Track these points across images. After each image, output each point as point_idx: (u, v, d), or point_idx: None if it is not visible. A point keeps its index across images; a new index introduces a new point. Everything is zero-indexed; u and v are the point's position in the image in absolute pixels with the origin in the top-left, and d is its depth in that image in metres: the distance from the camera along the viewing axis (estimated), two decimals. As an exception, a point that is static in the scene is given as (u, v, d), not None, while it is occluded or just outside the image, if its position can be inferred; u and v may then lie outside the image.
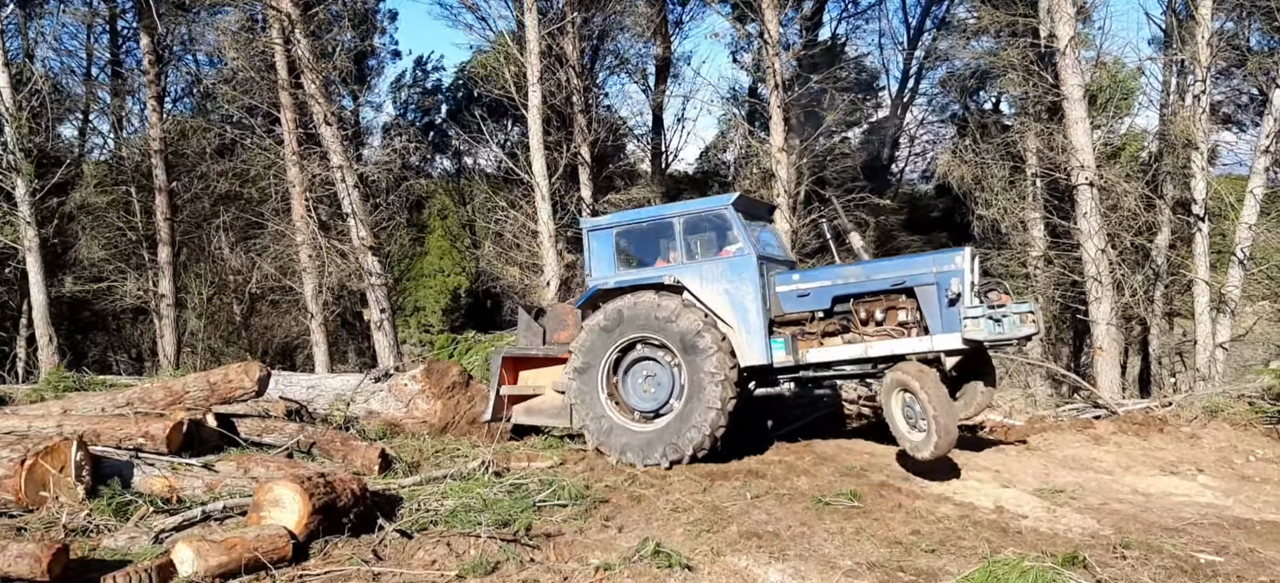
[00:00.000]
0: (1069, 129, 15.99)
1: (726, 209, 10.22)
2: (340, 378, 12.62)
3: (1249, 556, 7.13)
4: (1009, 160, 19.31)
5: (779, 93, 19.05)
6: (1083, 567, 6.40)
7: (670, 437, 9.66)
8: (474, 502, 7.56)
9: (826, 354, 9.92)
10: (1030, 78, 17.74)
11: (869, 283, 9.97)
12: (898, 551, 6.99)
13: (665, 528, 7.39)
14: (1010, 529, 7.79)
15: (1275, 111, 17.06)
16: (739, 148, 24.05)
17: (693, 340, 9.65)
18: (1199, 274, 17.89)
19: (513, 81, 19.72)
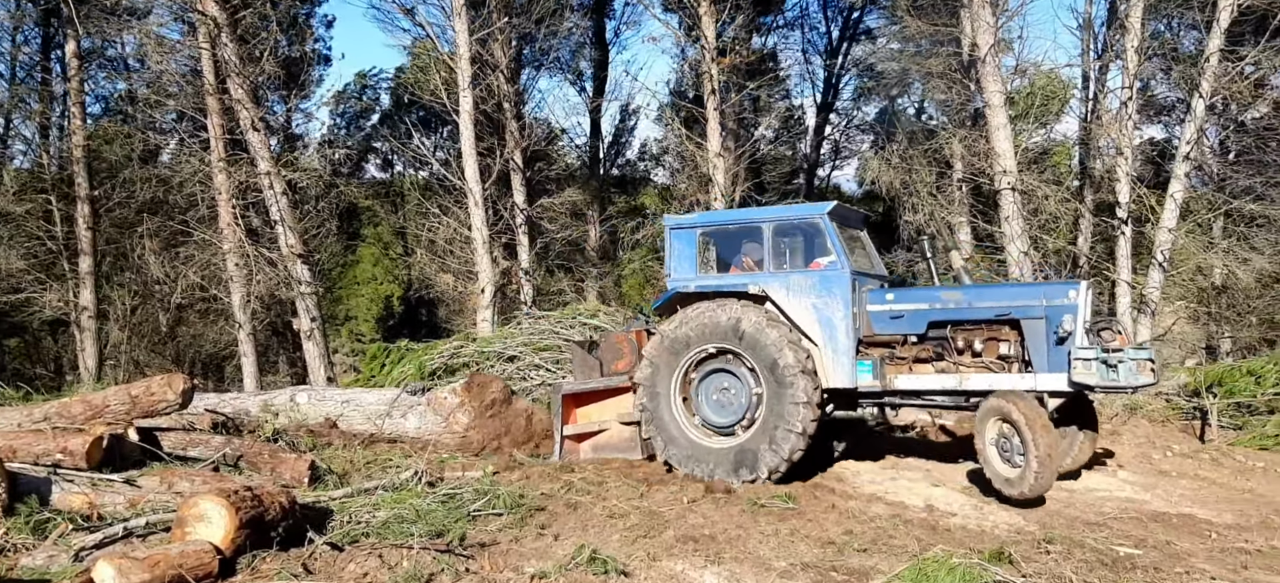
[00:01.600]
0: (991, 135, 16.40)
1: (822, 218, 9.57)
2: (376, 393, 12.11)
3: (1166, 548, 7.38)
4: (935, 165, 19.72)
5: (715, 98, 19.20)
6: (1009, 563, 6.55)
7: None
8: (407, 513, 7.46)
9: (917, 382, 9.32)
10: (953, 85, 18.16)
11: (971, 310, 9.28)
12: (831, 550, 7.08)
13: (602, 535, 7.37)
14: (940, 527, 7.95)
15: (1196, 119, 17.69)
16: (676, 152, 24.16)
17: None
18: (1121, 276, 18.45)
19: (444, 87, 19.54)
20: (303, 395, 12.10)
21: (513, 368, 13.01)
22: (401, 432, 11.42)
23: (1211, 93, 17.23)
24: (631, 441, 10.34)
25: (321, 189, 23.50)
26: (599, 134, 28.32)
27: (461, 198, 20.55)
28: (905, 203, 19.86)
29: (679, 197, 23.21)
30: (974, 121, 18.80)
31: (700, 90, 20.38)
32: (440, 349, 14.19)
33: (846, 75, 29.13)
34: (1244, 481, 10.16)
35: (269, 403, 11.94)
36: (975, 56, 16.76)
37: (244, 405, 11.95)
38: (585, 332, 13.32)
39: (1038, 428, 8.25)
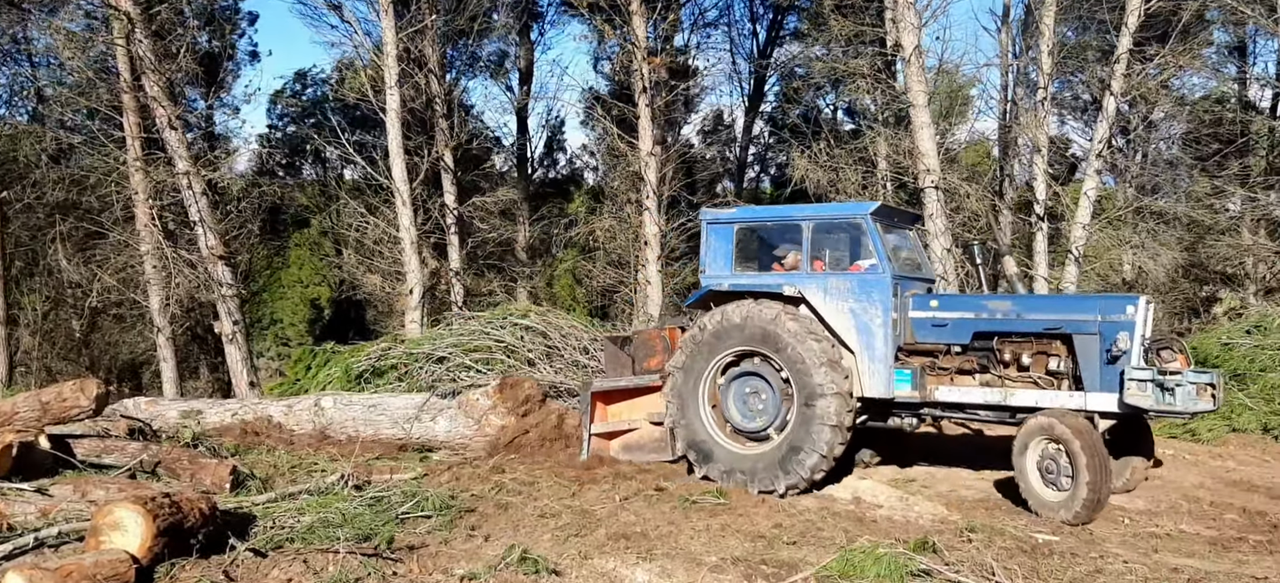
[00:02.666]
0: (915, 134, 16.74)
1: (864, 218, 9.12)
2: (403, 397, 11.66)
3: (1081, 534, 7.62)
4: (862, 164, 20.07)
5: (646, 96, 19.25)
6: (933, 551, 6.70)
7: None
8: (333, 516, 7.31)
9: (958, 395, 8.90)
10: (878, 85, 18.50)
11: (1020, 322, 8.81)
12: (761, 544, 7.15)
13: (532, 535, 7.33)
14: (866, 519, 8.09)
15: (1108, 117, 18.32)
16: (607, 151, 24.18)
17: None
18: (1039, 272, 19.00)
19: (371, 85, 19.24)
20: (327, 400, 11.61)
21: (442, 369, 12.85)
22: (431, 437, 11.03)
23: (1122, 93, 17.86)
24: (662, 441, 9.95)
25: (244, 188, 22.91)
26: (527, 133, 28.19)
27: (390, 198, 20.24)
28: (832, 201, 20.13)
29: (610, 196, 23.26)
30: (898, 121, 19.17)
31: (631, 89, 20.42)
32: (367, 352, 13.95)
33: (773, 76, 29.49)
34: (1156, 468, 10.54)
35: (292, 407, 11.63)
36: (899, 56, 17.08)
37: (266, 411, 11.68)
38: (516, 332, 13.23)
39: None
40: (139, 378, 25.50)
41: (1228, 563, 6.80)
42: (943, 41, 44.20)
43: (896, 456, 10.59)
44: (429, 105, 22.12)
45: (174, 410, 12.04)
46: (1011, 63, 20.29)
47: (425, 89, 21.37)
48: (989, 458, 10.33)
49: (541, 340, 13.17)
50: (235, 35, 27.31)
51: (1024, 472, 8.23)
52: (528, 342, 13.07)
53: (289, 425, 11.44)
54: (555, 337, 13.13)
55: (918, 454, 10.82)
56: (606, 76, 26.59)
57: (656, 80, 19.64)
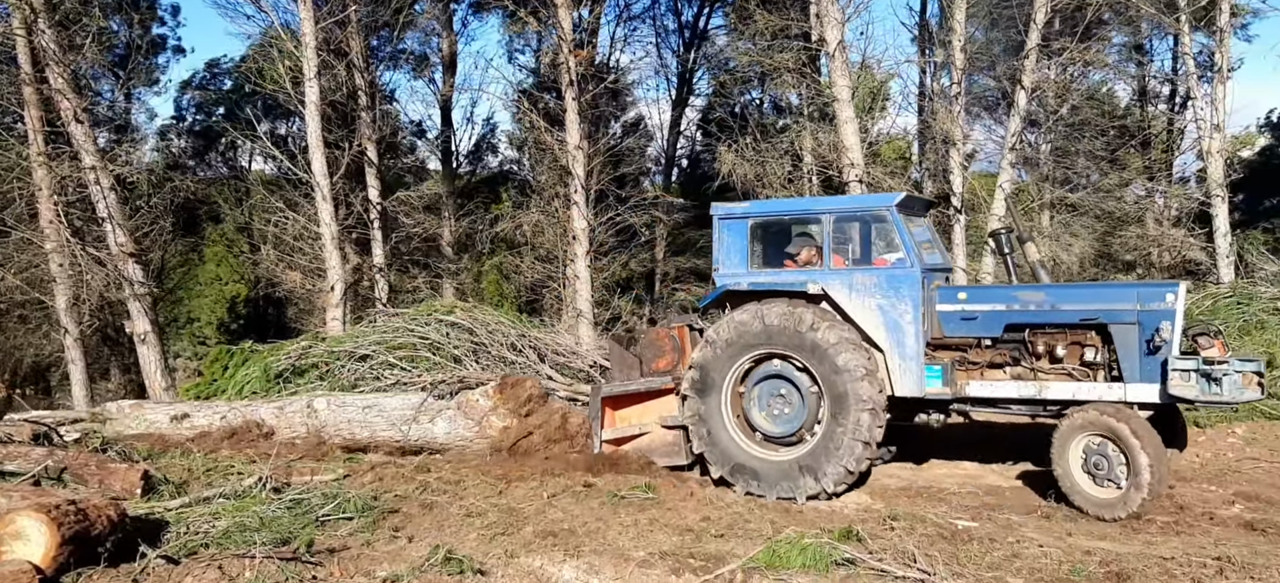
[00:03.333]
0: (840, 128, 16.97)
1: (889, 210, 8.83)
2: (399, 397, 11.20)
3: (999, 520, 7.81)
4: (788, 157, 20.27)
5: (573, 89, 19.13)
6: (857, 540, 6.78)
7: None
8: (250, 520, 7.11)
9: (991, 389, 8.66)
10: (803, 79, 18.71)
11: (1054, 313, 8.57)
12: (689, 538, 7.17)
13: (458, 534, 7.23)
14: (793, 510, 8.18)
15: (1020, 112, 18.83)
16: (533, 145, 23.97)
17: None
18: (958, 263, 19.45)
19: (289, 76, 18.74)
20: (320, 401, 11.18)
21: (365, 367, 12.58)
22: (430, 439, 10.69)
23: (1032, 87, 18.38)
24: (675, 445, 9.64)
25: (155, 183, 22.13)
26: (452, 126, 27.81)
27: (310, 192, 19.76)
28: (760, 195, 20.31)
29: (537, 190, 23.08)
30: (823, 115, 19.41)
31: (558, 82, 20.28)
32: (287, 350, 13.59)
33: (699, 70, 29.61)
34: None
35: (283, 409, 11.16)
36: (823, 51, 17.27)
37: (256, 413, 11.16)
38: (441, 329, 13.02)
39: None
40: (46, 381, 24.49)
41: (1137, 544, 7.03)
42: (866, 37, 45.00)
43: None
44: (351, 98, 21.64)
45: (161, 413, 11.50)
46: (927, 60, 20.73)
47: (347, 81, 20.89)
48: (912, 444, 10.48)
49: (468, 337, 12.97)
50: (153, 24, 26.39)
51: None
52: (454, 339, 12.87)
53: (280, 428, 10.95)
54: (482, 333, 12.95)
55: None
56: (533, 70, 26.39)
57: (583, 74, 19.52)
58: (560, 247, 21.77)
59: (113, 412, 11.64)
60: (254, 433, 10.88)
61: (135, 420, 11.37)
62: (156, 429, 11.15)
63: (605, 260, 22.28)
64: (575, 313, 19.39)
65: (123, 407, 11.92)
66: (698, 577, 6.16)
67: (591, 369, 12.75)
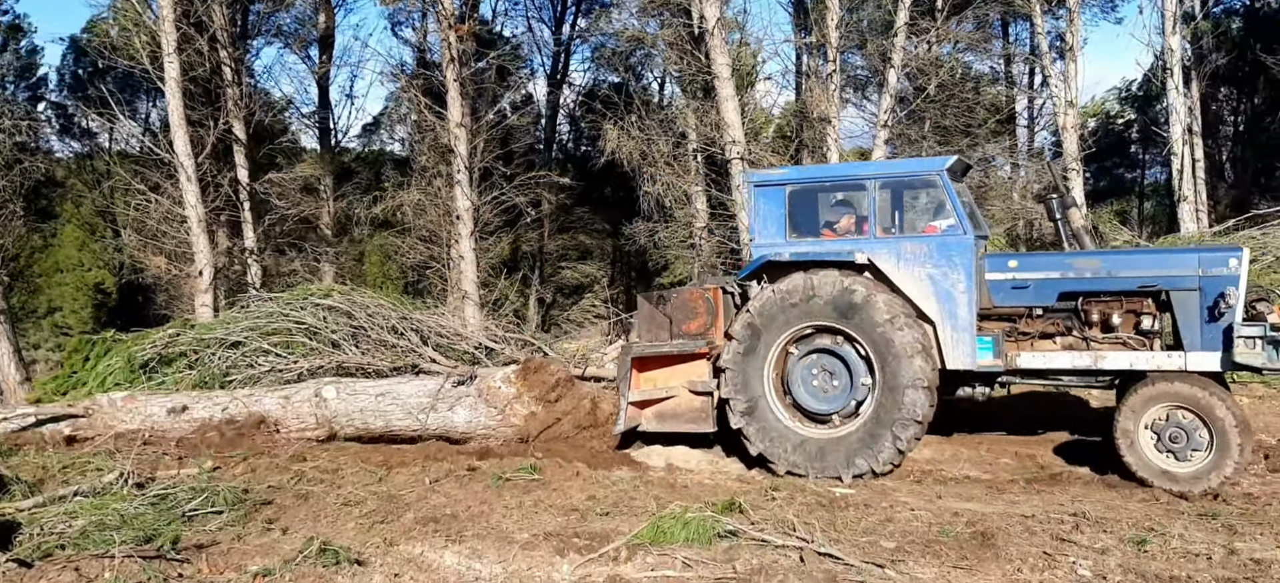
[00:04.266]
0: (720, 106, 17.15)
1: (939, 174, 8.50)
2: (414, 382, 10.60)
3: (874, 486, 8.06)
4: (672, 135, 20.39)
5: (454, 67, 18.75)
6: (739, 512, 6.89)
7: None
8: (110, 519, 6.73)
9: (1044, 360, 8.36)
10: (684, 57, 18.82)
11: (1111, 280, 8.27)
12: (574, 517, 7.14)
13: (335, 525, 7.02)
14: (678, 486, 8.23)
15: (891, 90, 19.39)
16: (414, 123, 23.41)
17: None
18: (835, 238, 19.93)
19: (147, 51, 17.76)
20: (329, 389, 10.45)
21: (237, 354, 12.09)
22: (449, 427, 10.15)
23: (902, 65, 18.96)
24: (702, 411, 9.26)
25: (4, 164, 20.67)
26: (330, 104, 26.90)
27: (173, 173, 18.81)
28: (644, 173, 20.38)
29: (419, 169, 22.55)
30: (705, 93, 19.57)
31: (438, 59, 19.84)
32: (153, 338, 12.94)
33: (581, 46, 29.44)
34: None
35: (289, 399, 10.43)
36: (704, 29, 17.39)
37: (260, 405, 10.40)
38: (318, 313, 12.60)
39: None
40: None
41: (1001, 504, 7.35)
42: (745, 14, 45.54)
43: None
44: (215, 73, 20.65)
45: (156, 406, 10.66)
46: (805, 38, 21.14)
47: (210, 56, 19.91)
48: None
49: (346, 321, 12.61)
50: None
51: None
52: (331, 323, 12.49)
53: (287, 420, 10.30)
54: (361, 316, 12.60)
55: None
56: (413, 45, 25.73)
57: (464, 50, 19.14)
58: (443, 226, 21.38)
59: (103, 404, 10.72)
60: (258, 425, 10.23)
61: (128, 413, 10.50)
62: (152, 422, 10.37)
63: (491, 240, 22.00)
64: (460, 294, 19.10)
65: (114, 399, 10.92)
66: (582, 556, 6.14)
67: (477, 350, 12.57)
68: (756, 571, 5.73)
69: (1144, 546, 6.09)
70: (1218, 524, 6.56)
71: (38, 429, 10.39)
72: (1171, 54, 18.61)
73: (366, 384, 10.75)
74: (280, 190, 22.21)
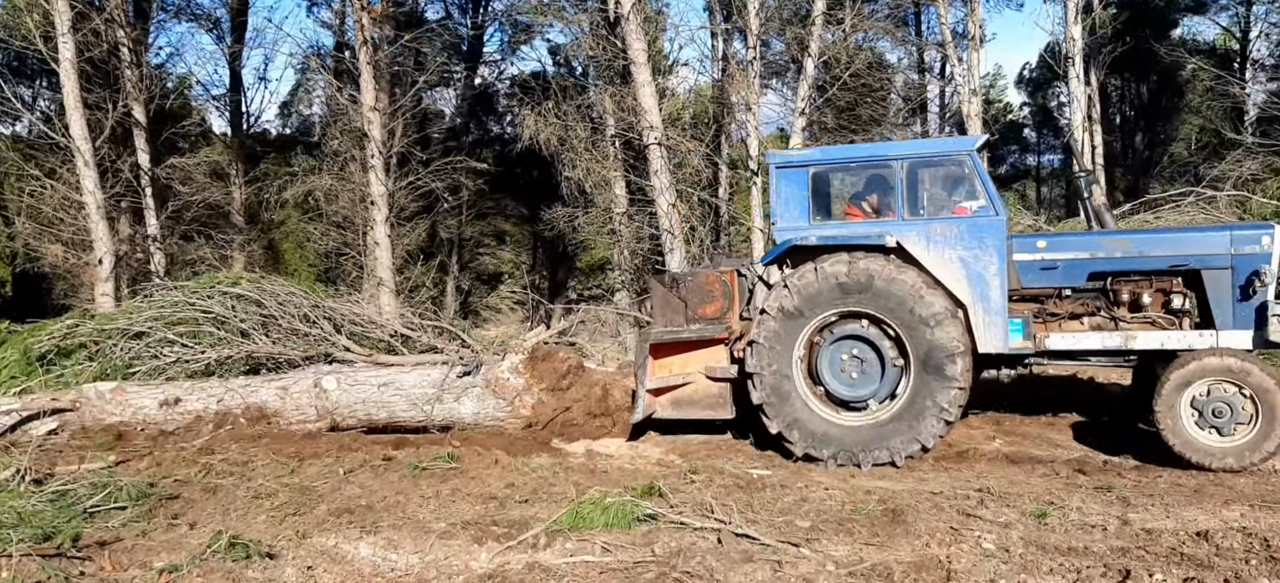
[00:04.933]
0: (637, 92, 17.18)
1: (969, 155, 8.35)
2: (417, 372, 10.22)
3: (791, 467, 8.20)
4: (590, 121, 20.35)
5: (368, 50, 18.37)
6: (658, 495, 6.94)
7: (889, 435, 8.15)
8: (6, 517, 6.45)
9: (1072, 341, 8.29)
10: (600, 42, 18.79)
11: (1141, 259, 8.23)
12: (493, 505, 7.10)
13: (245, 518, 6.85)
14: (598, 471, 8.24)
15: (808, 78, 19.67)
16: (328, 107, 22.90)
17: (937, 332, 7.98)
18: (755, 224, 20.20)
19: (40, 30, 16.96)
20: (329, 380, 10.10)
21: (141, 345, 11.64)
22: (456, 419, 9.86)
23: (819, 53, 19.26)
24: (720, 397, 9.07)
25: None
26: (241, 87, 26.11)
27: (69, 158, 18.01)
28: (563, 159, 20.30)
29: (332, 154, 22.06)
30: (622, 78, 19.58)
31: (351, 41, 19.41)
32: (50, 330, 12.37)
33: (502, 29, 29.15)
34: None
35: (288, 389, 10.07)
36: (619, 14, 17.38)
37: (257, 396, 10.07)
38: (226, 302, 12.21)
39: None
40: None
41: (911, 482, 7.56)
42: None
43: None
44: (113, 54, 19.83)
45: (148, 398, 10.18)
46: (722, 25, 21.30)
47: (107, 35, 19.11)
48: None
49: (256, 309, 12.25)
50: None
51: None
52: (240, 312, 12.12)
53: (287, 411, 9.98)
54: (271, 305, 12.23)
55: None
56: (330, 28, 25.14)
57: (379, 33, 18.77)
58: (358, 212, 20.97)
59: (91, 397, 10.18)
60: (256, 417, 9.93)
61: (117, 405, 10.09)
62: (143, 415, 10.01)
63: (407, 226, 21.66)
64: (376, 281, 18.77)
65: (102, 391, 10.32)
66: (501, 543, 6.11)
67: (392, 338, 12.37)
68: (675, 553, 5.79)
69: (1044, 519, 6.34)
70: (1113, 497, 6.85)
71: (20, 428, 9.93)
72: (1073, 43, 19.28)
73: (368, 374, 10.44)
74: (185, 175, 21.48)
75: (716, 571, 5.47)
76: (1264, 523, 6.10)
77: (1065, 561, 5.46)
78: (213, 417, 9.94)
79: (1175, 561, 5.42)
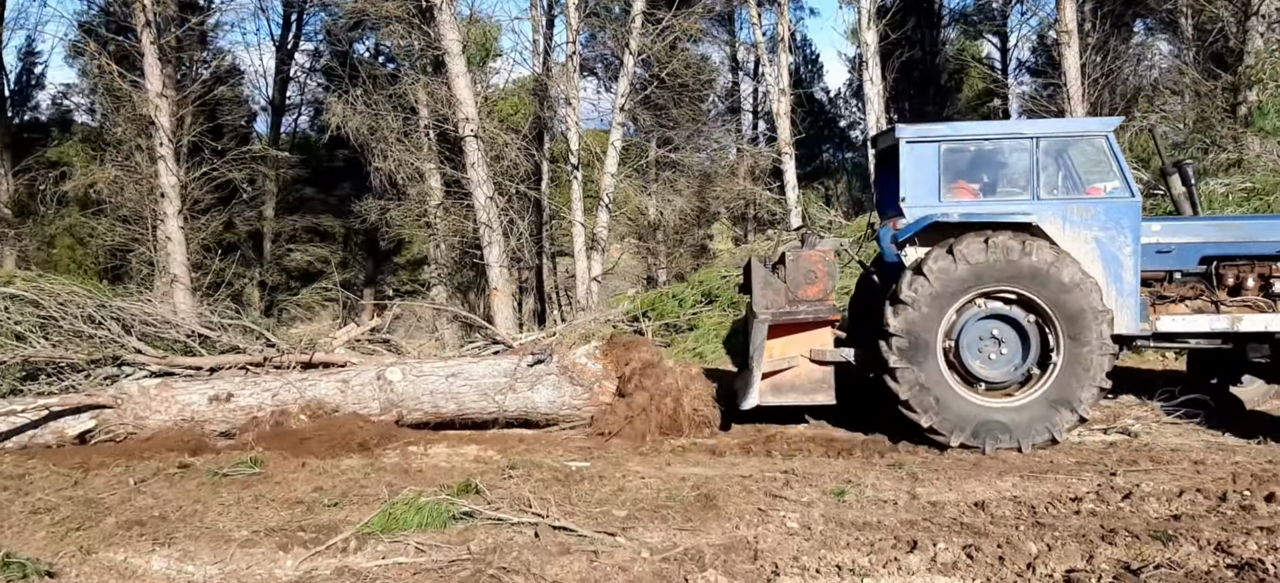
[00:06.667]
0: (452, 82, 16.89)
1: (1107, 136, 8.36)
2: (487, 362, 9.80)
3: (609, 458, 8.31)
4: (402, 111, 19.84)
5: (151, 30, 17.12)
6: (475, 493, 6.86)
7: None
8: None
9: (1183, 324, 8.37)
10: (413, 30, 18.36)
11: (1252, 244, 8.45)
12: (299, 510, 6.83)
13: (21, 535, 6.27)
14: (412, 471, 8.05)
15: (628, 74, 19.94)
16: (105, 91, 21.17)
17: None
18: (576, 218, 20.31)
19: None
20: (395, 371, 9.59)
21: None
22: (530, 409, 9.52)
23: (639, 50, 19.58)
24: (823, 381, 8.81)
25: None
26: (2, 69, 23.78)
27: None
28: (374, 150, 19.69)
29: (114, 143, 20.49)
30: (435, 68, 19.20)
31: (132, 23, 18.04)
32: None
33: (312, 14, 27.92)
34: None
35: (349, 382, 9.56)
36: (433, 3, 17.02)
37: (316, 391, 9.45)
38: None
39: None
40: None
41: (722, 467, 7.84)
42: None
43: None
44: None
45: (196, 394, 9.40)
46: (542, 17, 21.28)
47: None
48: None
49: (33, 311, 11.26)
50: None
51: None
52: (15, 313, 11.11)
53: (347, 405, 9.42)
54: (50, 305, 11.27)
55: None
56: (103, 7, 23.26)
57: (164, 13, 17.54)
58: (147, 206, 19.57)
59: (133, 393, 9.30)
60: (314, 413, 9.25)
61: (162, 403, 9.27)
62: (191, 412, 9.23)
63: (202, 220, 20.40)
64: (169, 278, 17.59)
65: (146, 387, 9.43)
66: (308, 550, 5.88)
67: (189, 338, 11.65)
68: (491, 549, 5.75)
69: (843, 496, 6.72)
70: (903, 473, 7.36)
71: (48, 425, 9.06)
72: (867, 47, 20.44)
73: (435, 365, 10.01)
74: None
75: (533, 565, 5.48)
76: (1032, 492, 6.72)
77: (861, 535, 5.81)
78: (267, 414, 9.33)
79: (956, 530, 5.87)
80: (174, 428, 9.10)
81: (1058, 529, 5.77)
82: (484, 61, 21.07)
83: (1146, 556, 5.23)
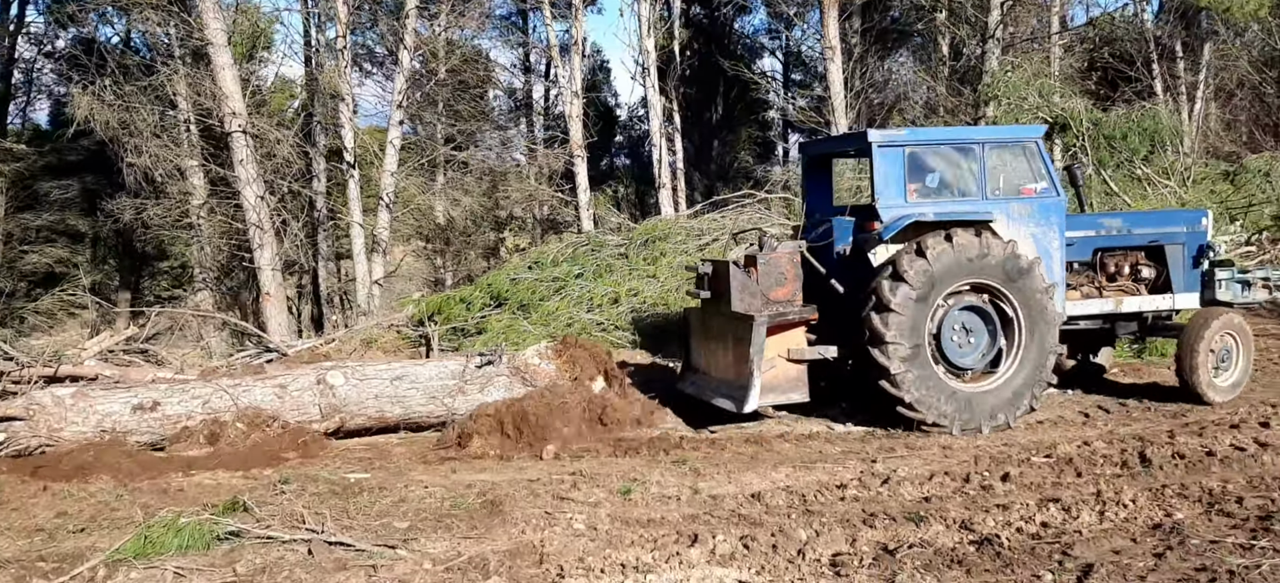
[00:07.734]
0: (217, 74, 15.86)
1: (1037, 140, 9.40)
2: (435, 365, 9.78)
3: (391, 468, 8.02)
4: (159, 103, 18.39)
5: None
6: (243, 510, 6.45)
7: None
8: None
9: (1083, 308, 9.59)
10: (171, 17, 17.07)
11: (1129, 237, 9.89)
12: (40, 539, 6.20)
13: None
14: (172, 490, 7.46)
15: (404, 71, 19.42)
16: None
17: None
18: (354, 218, 19.55)
19: None
20: (336, 375, 9.22)
21: None
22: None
23: (415, 47, 19.14)
24: (798, 380, 9.01)
25: None
26: None
27: None
28: (126, 145, 18.10)
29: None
30: (196, 59, 17.94)
31: None
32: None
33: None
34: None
35: (286, 388, 9.04)
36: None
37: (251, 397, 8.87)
38: None
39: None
40: None
41: (510, 473, 7.72)
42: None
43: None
44: None
45: (118, 403, 8.57)
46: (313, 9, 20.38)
47: None
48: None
49: None
50: None
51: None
52: None
53: (285, 411, 8.87)
54: None
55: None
56: None
57: None
58: None
59: (47, 404, 8.38)
60: (251, 421, 8.62)
61: (79, 414, 8.42)
62: (112, 423, 8.40)
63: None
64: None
65: (60, 397, 8.53)
66: (50, 582, 5.32)
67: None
68: (260, 570, 5.41)
69: (629, 494, 6.83)
70: (687, 469, 7.57)
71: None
72: (648, 55, 20.94)
73: (378, 368, 9.70)
74: None
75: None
76: (803, 481, 7.10)
77: (645, 532, 5.91)
78: (198, 423, 8.62)
79: (734, 522, 6.11)
80: (93, 441, 8.27)
81: (825, 516, 6.12)
82: (252, 53, 19.87)
83: (902, 536, 5.64)
